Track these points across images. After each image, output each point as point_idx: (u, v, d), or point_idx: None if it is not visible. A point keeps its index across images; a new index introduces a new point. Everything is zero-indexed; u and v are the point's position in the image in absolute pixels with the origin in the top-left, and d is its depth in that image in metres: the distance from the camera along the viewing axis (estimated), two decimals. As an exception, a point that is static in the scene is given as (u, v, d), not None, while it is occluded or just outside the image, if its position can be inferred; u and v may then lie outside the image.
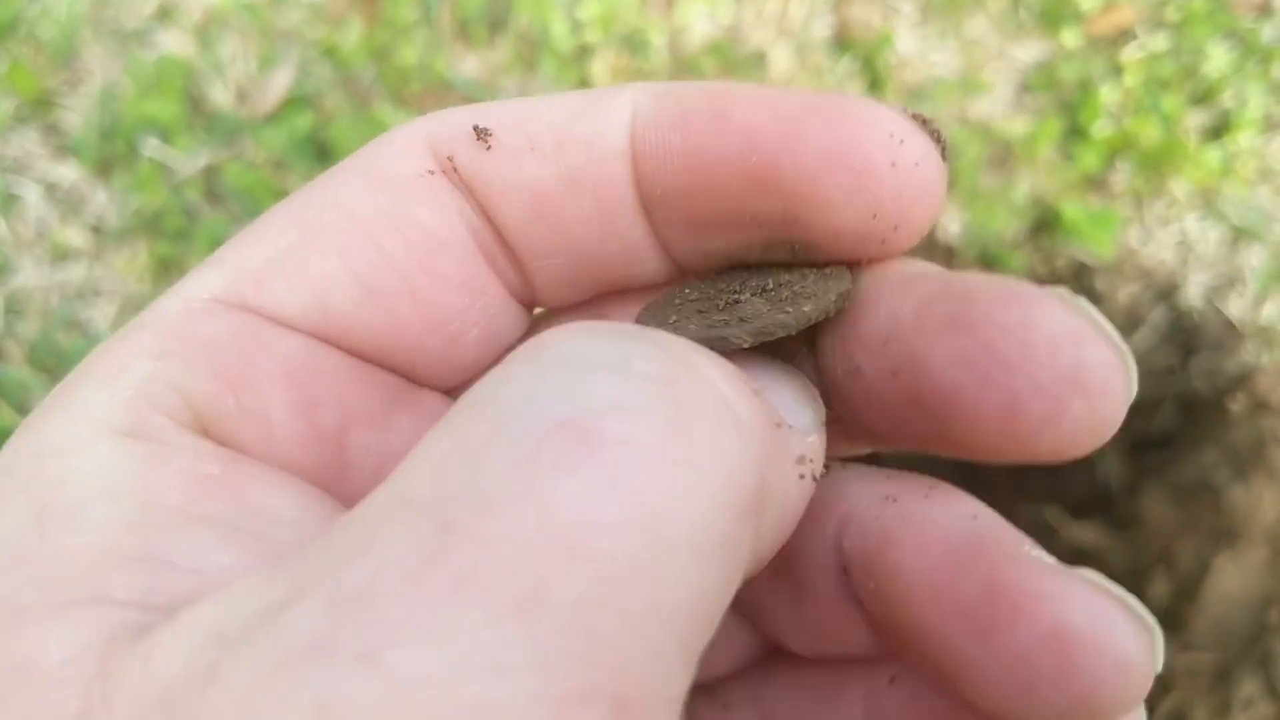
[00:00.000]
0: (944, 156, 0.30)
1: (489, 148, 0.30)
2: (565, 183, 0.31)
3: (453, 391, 0.33)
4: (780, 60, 1.51)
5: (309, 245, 0.29)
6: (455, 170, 0.30)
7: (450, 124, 0.31)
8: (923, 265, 0.30)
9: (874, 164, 0.29)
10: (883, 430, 0.30)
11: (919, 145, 0.29)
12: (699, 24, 1.54)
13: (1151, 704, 1.19)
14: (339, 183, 0.30)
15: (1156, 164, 1.48)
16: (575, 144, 0.30)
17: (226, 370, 0.28)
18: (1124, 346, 0.26)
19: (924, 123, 0.30)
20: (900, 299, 0.29)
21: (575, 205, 0.31)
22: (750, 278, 0.32)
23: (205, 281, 0.29)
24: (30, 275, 1.40)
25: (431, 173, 0.30)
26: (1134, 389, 0.26)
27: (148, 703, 0.18)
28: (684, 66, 1.49)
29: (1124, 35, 1.57)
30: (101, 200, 1.44)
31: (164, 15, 1.55)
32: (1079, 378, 0.26)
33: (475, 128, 0.30)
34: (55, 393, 0.27)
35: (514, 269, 0.32)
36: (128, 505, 0.24)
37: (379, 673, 0.16)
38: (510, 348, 0.33)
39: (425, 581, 0.17)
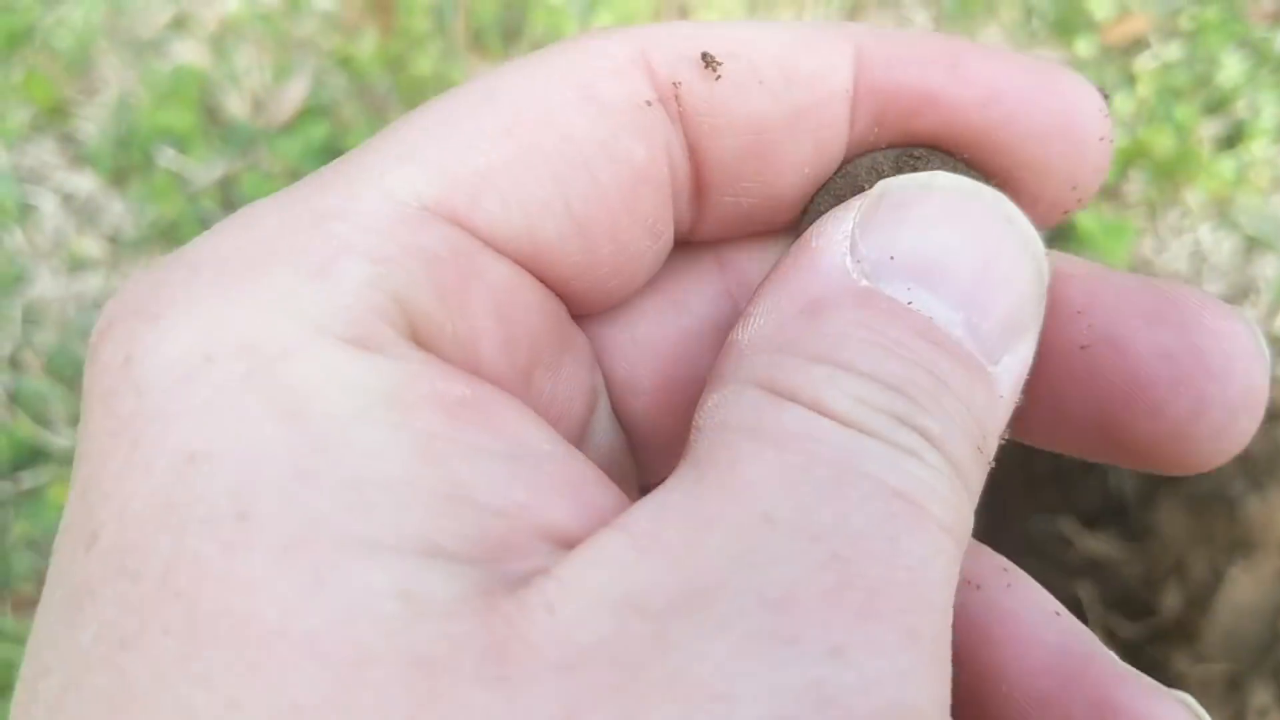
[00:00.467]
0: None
1: (718, 78, 0.29)
2: (789, 120, 0.30)
3: (589, 324, 0.32)
4: (794, 70, 1.51)
5: (523, 165, 0.27)
6: (677, 99, 0.29)
7: (670, 47, 0.29)
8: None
9: (1089, 136, 0.30)
10: (1037, 411, 0.31)
11: (1110, 124, 0.30)
12: (713, 33, 1.54)
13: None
14: (551, 95, 0.28)
15: (1170, 174, 1.48)
16: (802, 80, 0.29)
17: (446, 292, 0.26)
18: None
19: (1104, 95, 0.31)
20: (1100, 280, 0.30)
21: (794, 145, 0.30)
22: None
23: (410, 181, 0.26)
24: (47, 285, 1.41)
25: (649, 104, 0.29)
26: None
27: (576, 658, 0.20)
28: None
29: (1137, 44, 1.57)
30: (118, 210, 1.45)
31: (179, 25, 1.56)
32: (1251, 399, 0.28)
33: (704, 55, 0.29)
34: (227, 273, 0.24)
35: (692, 207, 0.31)
36: (398, 429, 0.23)
37: (851, 666, 0.21)
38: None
39: (841, 602, 0.21)
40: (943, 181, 0.28)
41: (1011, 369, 0.27)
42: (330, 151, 1.46)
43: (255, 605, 0.20)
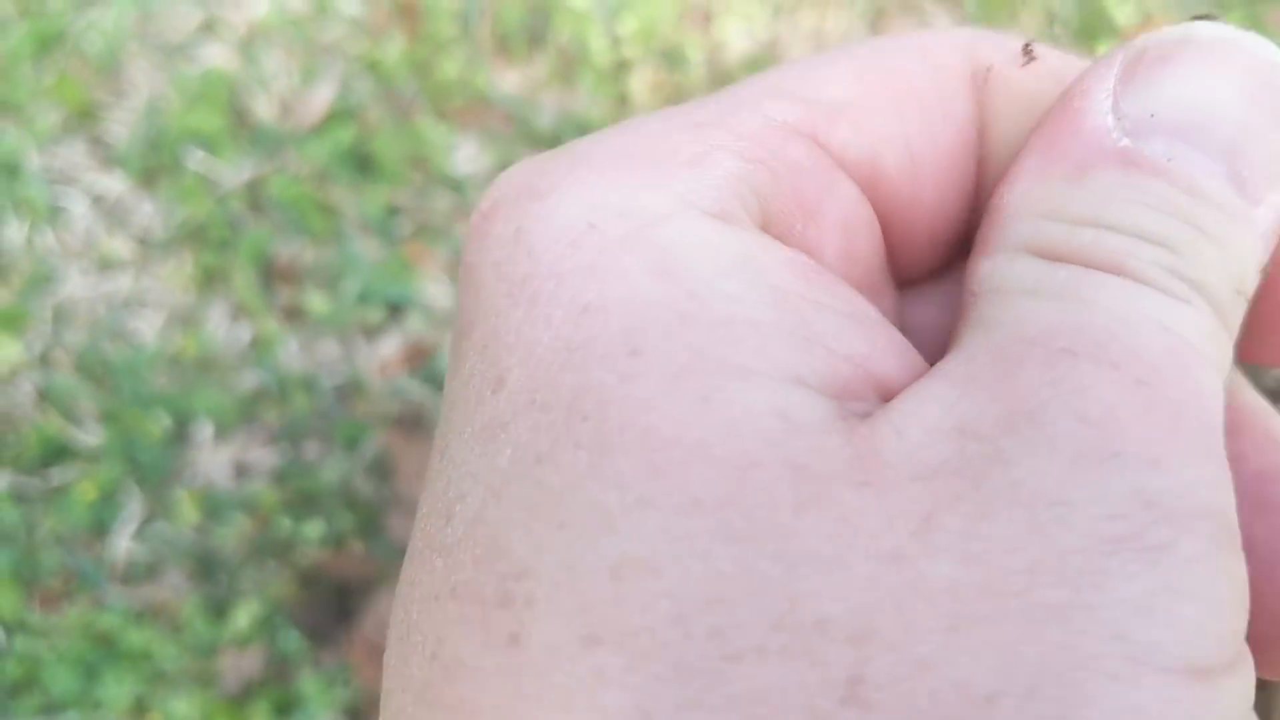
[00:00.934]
0: None
1: (1024, 64, 0.31)
2: None
3: (899, 283, 0.34)
4: (817, 75, 1.52)
5: (872, 101, 0.30)
6: (985, 80, 0.31)
7: (996, 42, 0.31)
8: None
9: None
10: None
11: None
12: (737, 39, 1.56)
13: None
14: (897, 56, 0.31)
15: (1192, 179, 1.48)
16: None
17: (802, 196, 0.29)
18: None
19: None
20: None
21: None
22: None
23: (780, 106, 0.29)
24: (77, 285, 1.42)
25: (973, 77, 0.31)
26: None
27: (927, 471, 0.23)
28: (722, 82, 1.50)
29: (1160, 51, 1.57)
30: (147, 211, 1.46)
31: (208, 29, 1.57)
32: None
33: (1026, 46, 0.31)
34: (608, 161, 0.27)
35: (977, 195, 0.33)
36: (756, 282, 0.25)
37: (1170, 474, 0.23)
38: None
39: (1152, 420, 0.23)
40: (1202, 32, 0.28)
41: (1276, 205, 0.28)
42: (357, 154, 1.47)
43: (653, 420, 0.23)
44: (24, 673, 1.25)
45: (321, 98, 1.51)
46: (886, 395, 0.26)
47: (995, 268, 0.27)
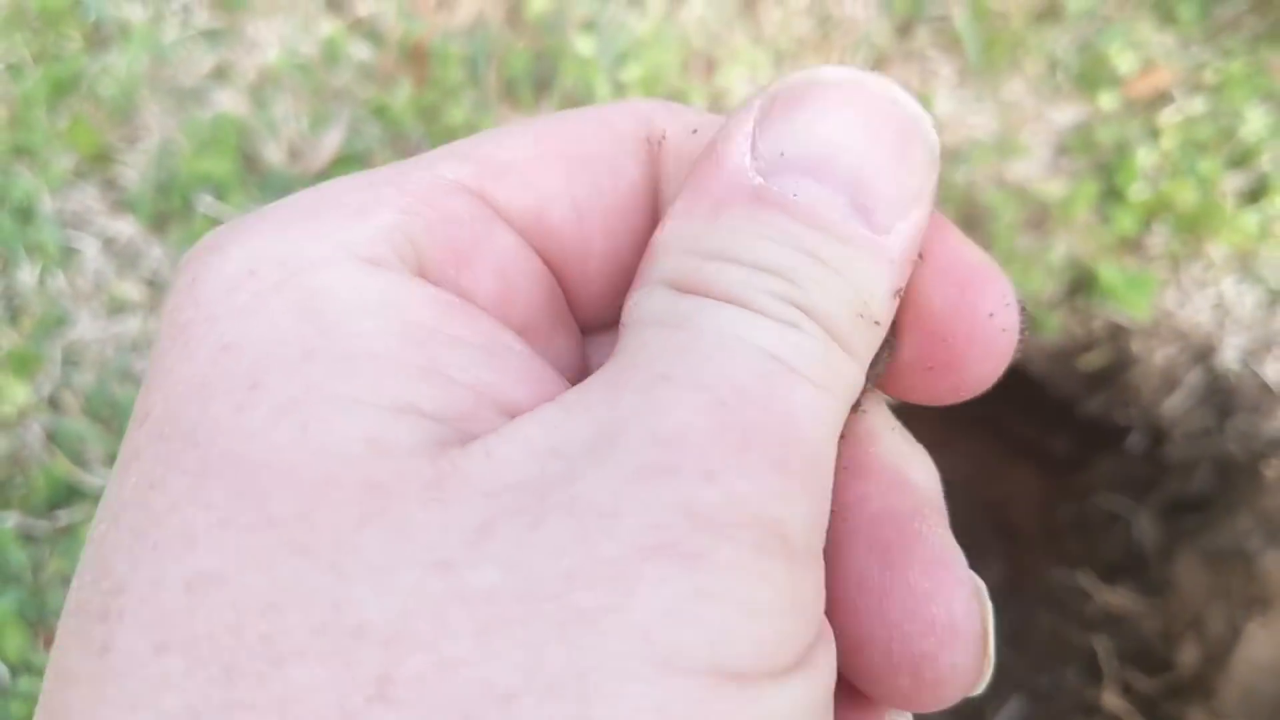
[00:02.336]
0: (1022, 338, 0.33)
1: (695, 132, 0.34)
2: None
3: (587, 328, 0.37)
4: (819, 121, 1.53)
5: (542, 162, 0.33)
6: (660, 144, 0.34)
7: (673, 114, 0.35)
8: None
9: (980, 309, 0.32)
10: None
11: (1013, 317, 0.33)
12: (739, 86, 1.57)
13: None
14: (574, 122, 0.34)
15: (1193, 227, 1.49)
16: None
17: (457, 245, 0.31)
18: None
19: (1021, 306, 0.33)
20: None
21: None
22: None
23: (453, 166, 0.32)
24: (87, 327, 1.45)
25: (648, 141, 0.34)
26: None
27: (500, 487, 0.25)
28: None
29: (1161, 98, 1.58)
30: (157, 255, 1.49)
31: (220, 75, 1.60)
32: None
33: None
34: (285, 216, 0.30)
35: None
36: (391, 319, 0.28)
37: (720, 487, 0.25)
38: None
39: (720, 439, 0.25)
40: (828, 74, 0.31)
41: (904, 233, 0.30)
42: (363, 199, 1.49)
43: (251, 448, 0.25)
44: (28, 713, 1.26)
45: (330, 142, 1.53)
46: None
47: (640, 299, 0.30)
